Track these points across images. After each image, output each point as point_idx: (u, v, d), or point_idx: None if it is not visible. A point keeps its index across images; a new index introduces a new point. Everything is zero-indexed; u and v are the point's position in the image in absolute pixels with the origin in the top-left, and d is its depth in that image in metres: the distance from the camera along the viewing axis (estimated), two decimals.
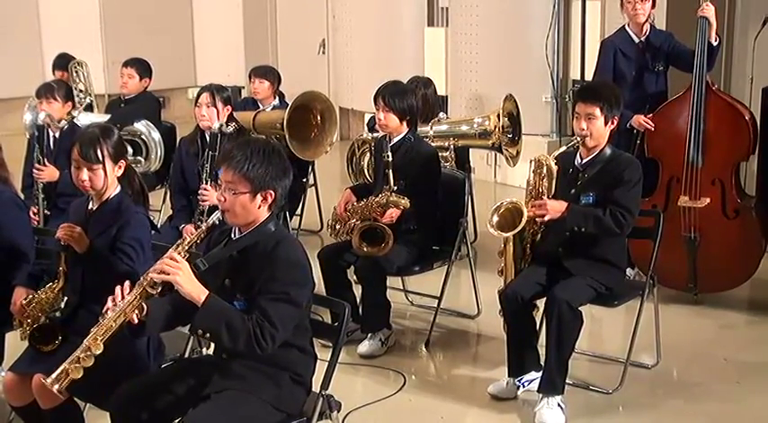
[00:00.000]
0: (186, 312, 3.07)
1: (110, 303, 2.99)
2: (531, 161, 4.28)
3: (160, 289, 2.99)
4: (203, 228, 3.13)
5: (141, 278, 3.02)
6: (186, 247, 3.08)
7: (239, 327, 2.96)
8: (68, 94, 5.78)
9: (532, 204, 4.21)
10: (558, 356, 4.10)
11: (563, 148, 4.32)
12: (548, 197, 4.22)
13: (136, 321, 2.99)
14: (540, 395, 4.15)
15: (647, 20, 5.72)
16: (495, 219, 4.24)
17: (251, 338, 2.96)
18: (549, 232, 4.33)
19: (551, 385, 4.12)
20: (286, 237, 3.23)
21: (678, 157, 5.28)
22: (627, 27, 5.77)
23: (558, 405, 4.11)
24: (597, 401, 4.34)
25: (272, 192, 3.11)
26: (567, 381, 4.19)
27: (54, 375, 2.87)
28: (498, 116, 6.04)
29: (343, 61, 10.71)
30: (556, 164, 4.24)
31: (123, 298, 2.99)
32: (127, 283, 3.05)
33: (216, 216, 3.14)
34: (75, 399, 3.50)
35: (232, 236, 3.20)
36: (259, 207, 3.11)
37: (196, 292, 2.97)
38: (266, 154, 3.12)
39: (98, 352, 2.88)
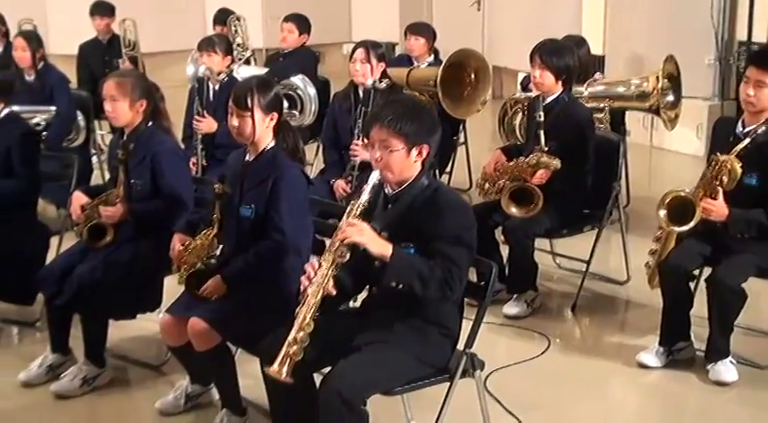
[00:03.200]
0: (364, 271, 3.21)
1: (305, 281, 3.08)
2: (712, 161, 4.03)
3: (349, 255, 3.05)
4: (367, 190, 3.16)
5: (326, 250, 3.10)
6: (356, 213, 3.12)
7: (428, 274, 3.05)
8: (228, 48, 5.93)
9: (705, 202, 4.02)
10: (722, 330, 4.10)
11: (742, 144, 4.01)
12: (722, 194, 4.02)
13: (334, 293, 3.07)
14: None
15: None
16: (664, 212, 4.12)
17: (441, 284, 3.06)
18: None
19: (718, 352, 4.14)
20: (441, 184, 3.31)
21: None
22: None
23: (731, 362, 4.13)
24: (748, 375, 4.19)
25: (426, 146, 3.16)
26: None
27: (278, 361, 2.95)
28: (658, 78, 5.86)
29: (499, 19, 10.59)
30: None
31: (316, 273, 3.06)
32: (314, 259, 3.14)
33: (375, 176, 3.18)
34: (228, 343, 3.63)
35: (386, 192, 3.25)
36: (414, 161, 3.16)
37: (384, 249, 3.05)
38: (416, 110, 3.18)
39: (310, 330, 2.98)
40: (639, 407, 4.20)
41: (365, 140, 4.94)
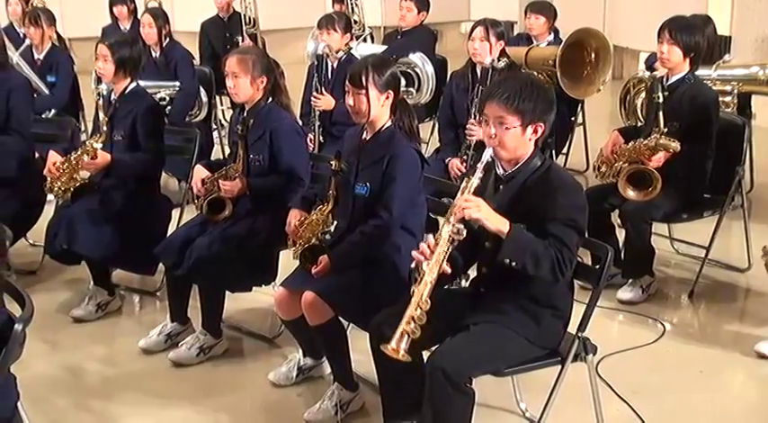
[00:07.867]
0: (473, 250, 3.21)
1: (419, 257, 3.05)
2: None
3: (465, 233, 3.03)
4: (480, 168, 3.12)
5: (442, 226, 3.08)
6: (471, 190, 3.10)
7: (542, 254, 3.03)
8: (347, 25, 5.97)
9: None
10: None
11: None
12: None
13: (449, 271, 3.05)
14: None
15: None
16: None
17: (553, 265, 3.04)
18: None
19: None
20: (553, 163, 3.27)
21: None
22: None
23: None
24: None
25: (541, 124, 3.14)
26: None
27: (395, 338, 2.92)
28: None
29: None
30: None
31: (432, 251, 3.04)
32: (430, 237, 3.13)
33: (488, 154, 3.16)
34: (340, 318, 3.67)
35: (498, 173, 3.22)
36: (529, 140, 3.14)
37: (501, 224, 3.04)
38: (533, 88, 3.14)
39: (427, 308, 2.95)
40: (756, 398, 4.07)
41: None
